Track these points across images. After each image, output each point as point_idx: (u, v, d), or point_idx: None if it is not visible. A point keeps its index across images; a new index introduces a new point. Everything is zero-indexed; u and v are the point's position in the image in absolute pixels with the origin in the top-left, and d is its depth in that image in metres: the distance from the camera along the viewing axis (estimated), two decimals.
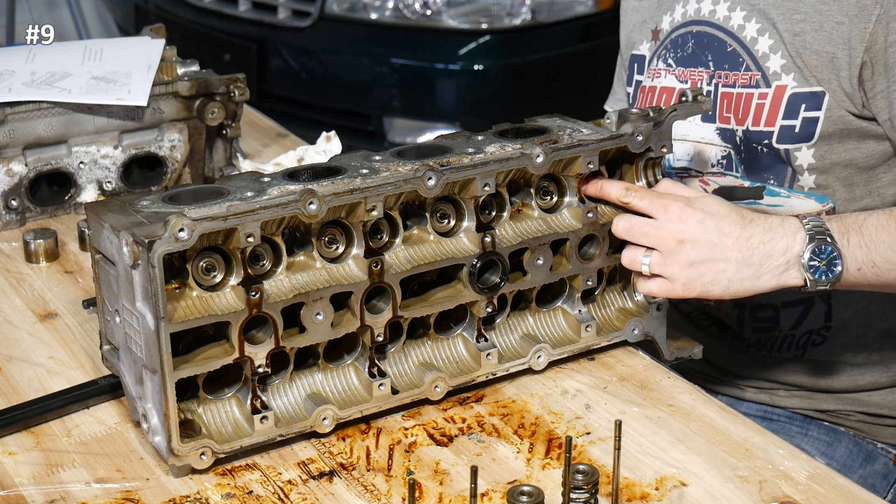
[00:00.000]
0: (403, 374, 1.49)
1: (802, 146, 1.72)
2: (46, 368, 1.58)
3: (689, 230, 1.48)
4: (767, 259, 1.50)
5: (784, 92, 1.72)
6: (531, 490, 1.18)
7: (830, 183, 1.73)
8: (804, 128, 1.71)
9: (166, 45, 2.09)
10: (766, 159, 1.76)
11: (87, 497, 1.33)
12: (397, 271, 1.43)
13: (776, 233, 1.51)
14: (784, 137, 1.73)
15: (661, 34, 1.91)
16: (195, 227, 1.29)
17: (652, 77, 1.91)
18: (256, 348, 1.37)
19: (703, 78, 1.82)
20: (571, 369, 1.57)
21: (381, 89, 4.09)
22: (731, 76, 1.77)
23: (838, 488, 1.34)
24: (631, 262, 1.53)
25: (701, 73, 1.82)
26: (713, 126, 1.81)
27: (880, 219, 1.53)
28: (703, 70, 1.82)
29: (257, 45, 4.22)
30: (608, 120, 1.56)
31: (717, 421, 1.46)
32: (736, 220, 1.50)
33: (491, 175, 1.46)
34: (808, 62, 1.69)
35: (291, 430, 1.40)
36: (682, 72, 1.85)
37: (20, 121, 1.94)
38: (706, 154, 1.82)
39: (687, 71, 1.85)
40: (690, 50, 1.84)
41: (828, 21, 1.68)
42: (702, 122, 1.82)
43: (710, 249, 1.49)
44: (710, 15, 1.81)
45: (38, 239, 1.86)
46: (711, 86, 1.80)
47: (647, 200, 1.50)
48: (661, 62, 1.89)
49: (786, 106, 1.72)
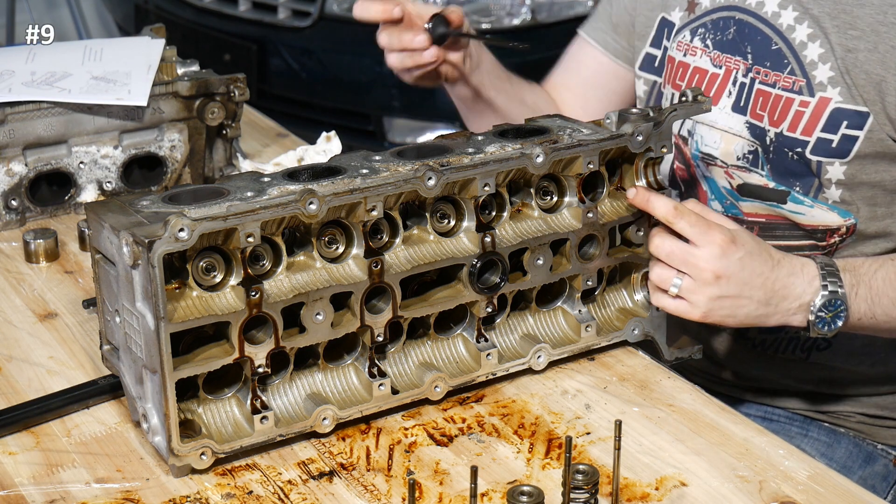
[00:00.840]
0: (403, 374, 1.49)
1: (836, 161, 1.71)
2: (46, 368, 1.58)
3: (729, 267, 1.49)
4: (783, 301, 1.53)
5: (827, 105, 1.70)
6: (531, 490, 1.18)
7: (855, 200, 1.72)
8: (842, 144, 1.69)
9: (166, 45, 2.09)
10: (795, 166, 1.74)
11: (87, 497, 1.33)
12: (397, 271, 1.43)
13: (797, 278, 1.53)
14: (819, 150, 1.71)
15: (697, 8, 1.87)
16: (195, 227, 1.29)
17: (684, 52, 1.87)
18: (256, 348, 1.37)
19: (739, 68, 1.79)
20: (571, 369, 1.57)
21: (381, 89, 4.09)
22: (771, 75, 1.74)
23: (838, 488, 1.34)
24: (660, 280, 1.52)
25: (738, 62, 1.79)
26: (743, 119, 1.78)
27: (889, 272, 1.57)
28: (740, 60, 1.79)
29: (257, 45, 4.22)
30: (608, 120, 1.56)
31: (717, 421, 1.46)
32: (767, 260, 1.52)
33: (491, 175, 1.46)
34: (856, 80, 1.67)
35: (291, 430, 1.40)
36: (718, 56, 1.82)
37: (20, 121, 1.94)
38: (732, 145, 1.80)
39: (723, 56, 1.81)
40: (731, 36, 1.80)
41: (883, 43, 1.66)
42: (731, 111, 1.80)
43: (741, 288, 1.50)
44: (758, 7, 1.76)
45: (38, 239, 1.86)
46: (747, 78, 1.77)
47: (697, 229, 1.49)
48: (697, 39, 1.85)
49: (827, 119, 1.70)
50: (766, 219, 1.79)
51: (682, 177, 1.91)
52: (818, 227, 1.75)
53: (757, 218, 1.80)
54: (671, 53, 1.91)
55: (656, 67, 1.96)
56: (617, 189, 1.59)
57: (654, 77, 1.97)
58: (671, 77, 1.91)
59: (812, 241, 1.76)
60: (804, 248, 1.76)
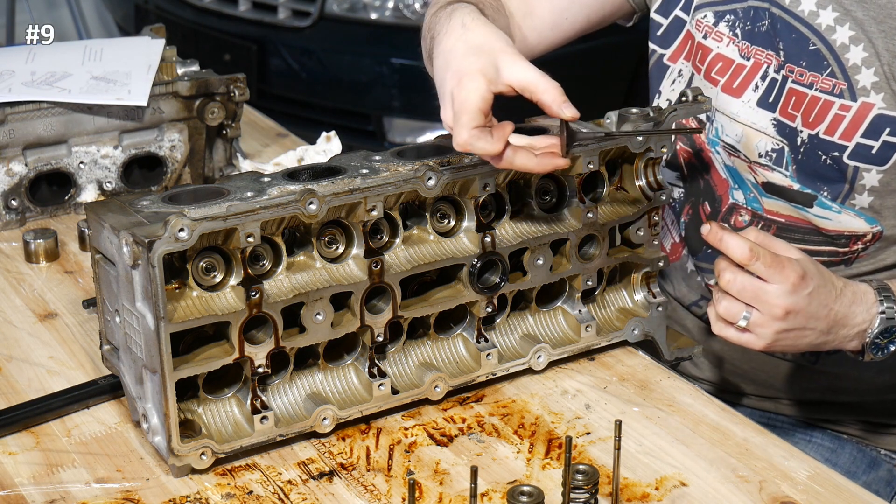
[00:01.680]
0: (403, 374, 1.49)
1: (873, 168, 1.67)
2: (46, 368, 1.58)
3: (798, 303, 1.49)
4: (842, 329, 1.54)
5: (870, 110, 1.65)
6: (531, 490, 1.18)
7: (883, 208, 1.69)
8: (882, 151, 1.66)
9: (166, 45, 2.09)
10: (826, 170, 1.70)
11: (87, 497, 1.33)
12: (397, 271, 1.43)
13: (857, 306, 1.54)
14: (858, 155, 1.67)
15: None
16: (195, 227, 1.29)
17: (706, 35, 1.79)
18: (256, 348, 1.37)
19: (771, 62, 1.73)
20: (571, 369, 1.57)
21: (381, 89, 4.09)
22: (807, 75, 1.69)
23: (838, 488, 1.34)
24: (729, 314, 1.50)
25: (770, 56, 1.73)
26: (770, 115, 1.74)
27: None
28: (772, 54, 1.73)
29: (257, 45, 4.22)
30: (608, 120, 1.56)
31: (717, 421, 1.46)
32: (831, 290, 1.52)
33: (491, 175, 1.46)
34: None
35: (291, 430, 1.40)
36: (748, 47, 1.76)
37: (20, 121, 1.94)
38: (753, 141, 1.76)
39: (753, 48, 1.75)
40: (765, 28, 1.74)
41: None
42: (757, 106, 1.75)
43: (807, 321, 1.51)
44: (793, 4, 1.70)
45: (38, 239, 1.86)
46: (779, 75, 1.72)
47: (772, 270, 1.48)
48: (724, 25, 1.77)
49: (868, 125, 1.66)
50: (787, 220, 1.76)
51: (688, 160, 1.87)
52: (843, 232, 1.72)
53: (777, 217, 1.77)
54: (689, 29, 1.82)
55: (660, 37, 1.86)
56: (617, 189, 1.59)
57: (655, 47, 1.87)
58: (689, 55, 1.82)
59: (833, 246, 1.73)
60: (823, 254, 1.73)
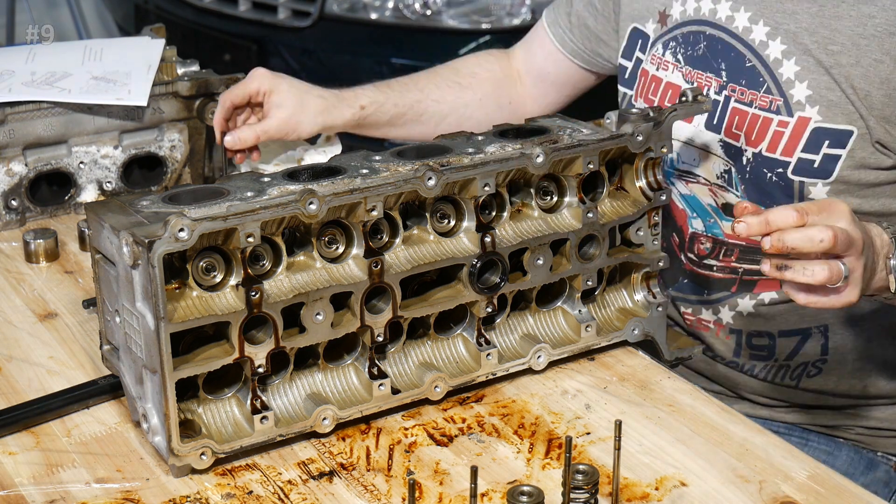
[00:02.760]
0: (403, 374, 1.49)
1: (819, 182, 1.66)
2: (46, 368, 1.58)
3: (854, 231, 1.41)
4: (875, 260, 1.47)
5: (807, 124, 1.65)
6: (531, 490, 1.18)
7: None
8: (824, 164, 1.65)
9: (166, 45, 2.09)
10: (773, 188, 1.70)
11: (87, 497, 1.33)
12: (397, 271, 1.43)
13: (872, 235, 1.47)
14: (801, 170, 1.67)
15: (669, 20, 1.82)
16: (195, 227, 1.29)
17: (657, 66, 1.83)
18: (256, 348, 1.37)
19: (711, 84, 1.74)
20: (571, 369, 1.57)
21: None
22: (747, 94, 1.70)
23: (838, 488, 1.34)
24: (833, 273, 1.39)
25: (710, 78, 1.74)
26: (717, 137, 1.75)
27: None
28: (712, 76, 1.74)
29: (257, 45, 4.22)
30: (608, 120, 1.56)
31: (717, 421, 1.46)
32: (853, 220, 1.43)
33: (491, 175, 1.46)
34: (837, 97, 1.63)
35: (291, 430, 1.40)
36: (690, 72, 1.78)
37: (20, 121, 1.94)
38: (711, 163, 1.77)
39: (695, 72, 1.77)
40: (701, 52, 1.76)
41: (865, 57, 1.61)
42: (705, 128, 1.76)
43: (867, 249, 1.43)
44: (728, 21, 1.72)
45: (38, 239, 1.86)
46: (721, 96, 1.73)
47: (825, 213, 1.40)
48: (668, 53, 1.81)
49: (807, 139, 1.65)
50: (747, 242, 1.74)
51: None
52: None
53: (738, 240, 1.76)
54: (645, 66, 1.86)
55: (627, 79, 1.91)
56: (617, 189, 1.59)
57: (624, 89, 1.92)
58: (643, 91, 1.86)
59: None
60: None
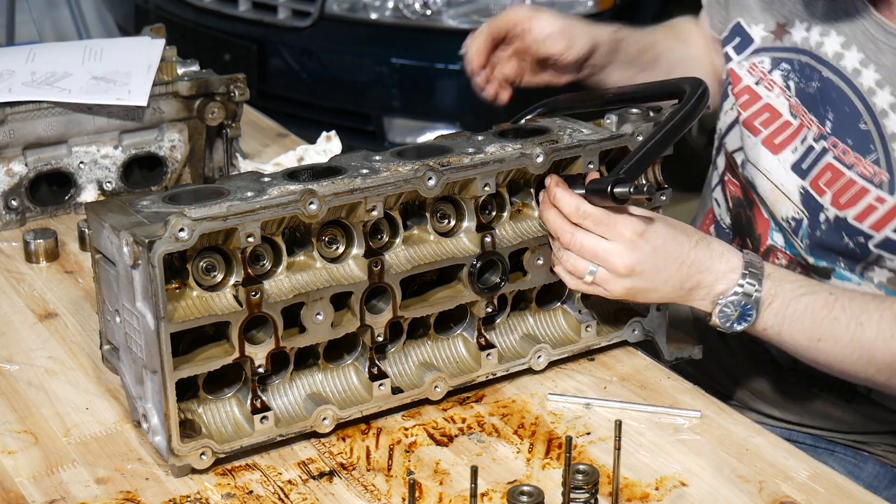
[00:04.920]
0: (403, 374, 1.49)
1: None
2: (46, 368, 1.58)
3: (642, 260, 1.43)
4: (696, 288, 1.46)
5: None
6: (531, 490, 1.18)
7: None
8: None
9: (166, 45, 2.09)
10: (845, 250, 1.63)
11: (87, 497, 1.33)
12: (397, 271, 1.43)
13: (714, 263, 1.46)
14: (885, 246, 1.60)
15: (786, 39, 1.70)
16: (195, 227, 1.29)
17: (758, 80, 1.72)
18: (256, 348, 1.37)
19: (811, 128, 1.64)
20: (571, 369, 1.57)
21: (381, 89, 4.09)
22: (851, 156, 1.60)
23: (838, 488, 1.34)
24: (575, 270, 1.46)
25: (812, 122, 1.64)
26: (800, 182, 1.65)
27: (817, 303, 1.47)
28: (815, 121, 1.64)
29: (257, 45, 4.23)
30: (608, 120, 1.56)
31: (717, 421, 1.46)
32: (683, 243, 1.45)
33: (491, 175, 1.46)
34: None
35: (291, 430, 1.40)
36: (798, 106, 1.67)
37: (20, 121, 1.94)
38: (778, 203, 1.69)
39: (801, 108, 1.66)
40: (814, 90, 1.65)
41: None
42: (790, 169, 1.66)
43: (654, 277, 1.44)
44: (854, 75, 1.59)
45: (38, 239, 1.86)
46: (818, 145, 1.63)
47: (604, 227, 1.43)
48: (778, 74, 1.69)
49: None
50: None
51: (734, 193, 1.79)
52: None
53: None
54: (737, 70, 1.75)
55: None
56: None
57: None
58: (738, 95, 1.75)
59: None
60: None
